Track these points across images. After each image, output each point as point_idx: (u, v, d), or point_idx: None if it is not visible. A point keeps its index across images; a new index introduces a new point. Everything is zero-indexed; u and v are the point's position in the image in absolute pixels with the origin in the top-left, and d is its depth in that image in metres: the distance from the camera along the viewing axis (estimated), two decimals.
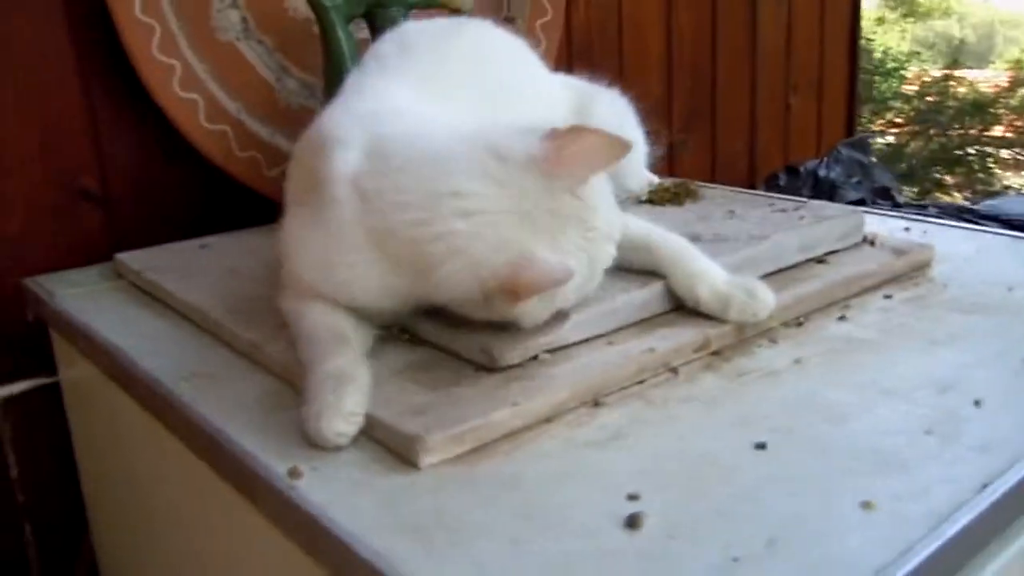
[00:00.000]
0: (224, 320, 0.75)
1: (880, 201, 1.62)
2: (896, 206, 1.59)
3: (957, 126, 4.94)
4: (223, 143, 1.04)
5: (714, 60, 1.73)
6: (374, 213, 0.62)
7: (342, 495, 0.51)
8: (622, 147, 0.61)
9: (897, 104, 5.21)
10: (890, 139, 5.15)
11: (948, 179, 5.10)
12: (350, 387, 0.57)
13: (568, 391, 0.60)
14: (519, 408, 0.58)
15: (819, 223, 0.84)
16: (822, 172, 1.63)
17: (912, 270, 0.84)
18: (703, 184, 1.04)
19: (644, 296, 0.70)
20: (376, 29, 1.04)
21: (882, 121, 5.19)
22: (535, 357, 0.64)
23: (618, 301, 0.68)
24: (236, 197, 1.09)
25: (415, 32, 0.82)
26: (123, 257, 0.94)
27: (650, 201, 0.95)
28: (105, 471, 0.93)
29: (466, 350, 0.64)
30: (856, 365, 0.66)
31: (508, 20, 1.28)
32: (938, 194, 5.08)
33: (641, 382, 0.64)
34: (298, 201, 0.69)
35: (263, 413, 0.62)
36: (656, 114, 1.64)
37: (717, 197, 0.97)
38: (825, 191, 1.62)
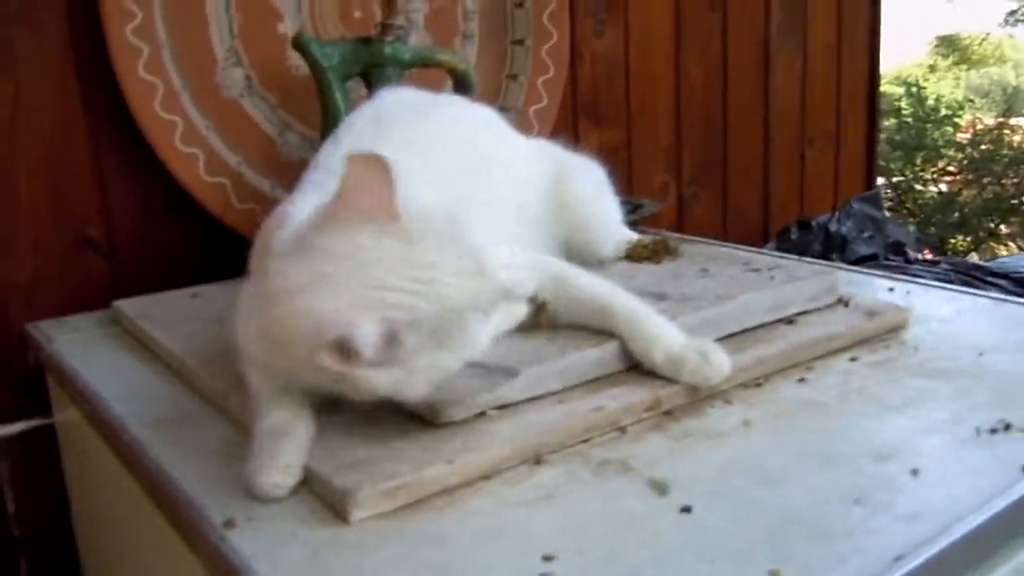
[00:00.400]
0: (198, 368, 0.77)
1: (893, 257, 1.60)
2: (908, 262, 1.57)
3: (1012, 175, 4.85)
4: (222, 195, 1.08)
5: (725, 110, 1.73)
6: None
7: (270, 547, 0.53)
8: (370, 159, 0.56)
9: (950, 152, 5.14)
10: (943, 187, 5.08)
11: (1003, 228, 4.99)
12: (288, 440, 0.59)
13: (508, 448, 0.62)
14: (455, 465, 0.59)
15: (789, 283, 0.84)
16: (833, 227, 1.63)
17: (884, 332, 0.83)
18: (687, 238, 1.05)
19: (597, 355, 0.71)
20: (372, 87, 1.08)
21: (934, 169, 5.12)
22: (482, 413, 0.65)
23: (569, 359, 0.69)
24: (237, 248, 1.12)
25: (390, 107, 0.84)
26: (120, 304, 0.98)
27: (628, 258, 0.96)
28: (92, 510, 0.96)
29: (413, 404, 0.65)
30: (803, 429, 0.66)
31: (510, 78, 1.32)
32: (992, 243, 4.98)
33: (587, 440, 0.65)
34: (253, 271, 0.69)
35: (219, 462, 0.64)
36: (665, 166, 1.65)
37: (696, 254, 0.97)
38: (836, 246, 1.61)
